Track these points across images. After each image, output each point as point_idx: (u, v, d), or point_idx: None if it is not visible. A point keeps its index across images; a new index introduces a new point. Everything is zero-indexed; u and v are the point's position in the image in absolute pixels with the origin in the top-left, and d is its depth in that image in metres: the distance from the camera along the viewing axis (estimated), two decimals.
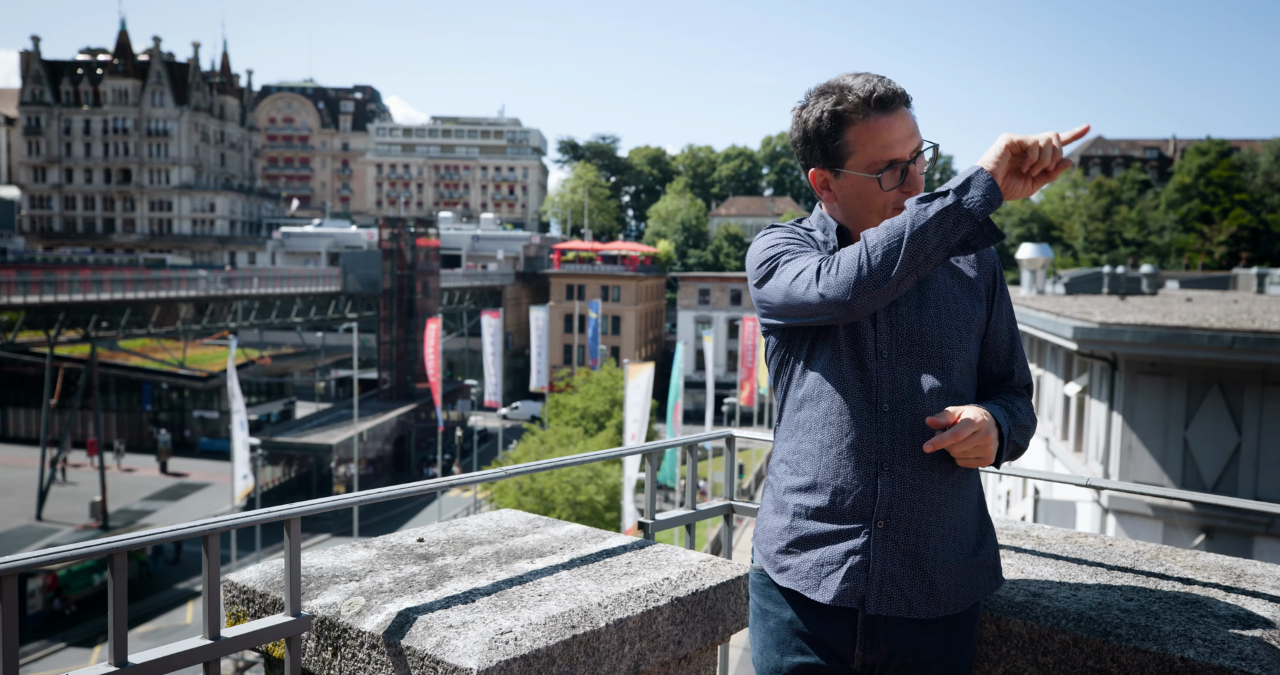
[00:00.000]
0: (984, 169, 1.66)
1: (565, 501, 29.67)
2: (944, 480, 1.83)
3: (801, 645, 1.86)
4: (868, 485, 1.81)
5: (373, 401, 50.53)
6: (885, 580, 1.79)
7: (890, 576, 1.79)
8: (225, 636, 1.80)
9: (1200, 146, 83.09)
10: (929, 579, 1.80)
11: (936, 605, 1.81)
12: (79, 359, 46.14)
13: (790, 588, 1.86)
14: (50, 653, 24.07)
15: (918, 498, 1.80)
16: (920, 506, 1.81)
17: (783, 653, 1.89)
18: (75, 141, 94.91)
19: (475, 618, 1.87)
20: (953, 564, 1.82)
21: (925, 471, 1.81)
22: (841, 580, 1.80)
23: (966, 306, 1.89)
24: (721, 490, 2.53)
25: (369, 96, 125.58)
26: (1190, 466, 11.32)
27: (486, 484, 32.61)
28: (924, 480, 1.81)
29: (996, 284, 1.95)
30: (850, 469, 1.82)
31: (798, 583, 1.85)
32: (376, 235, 62.05)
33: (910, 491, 1.80)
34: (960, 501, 1.86)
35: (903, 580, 1.79)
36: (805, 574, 1.84)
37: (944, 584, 1.81)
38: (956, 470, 1.85)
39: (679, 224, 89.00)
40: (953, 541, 1.83)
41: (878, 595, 1.79)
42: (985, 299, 1.92)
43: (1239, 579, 2.19)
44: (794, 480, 1.90)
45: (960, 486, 1.86)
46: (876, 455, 1.81)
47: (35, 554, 1.60)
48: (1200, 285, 33.79)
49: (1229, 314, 13.11)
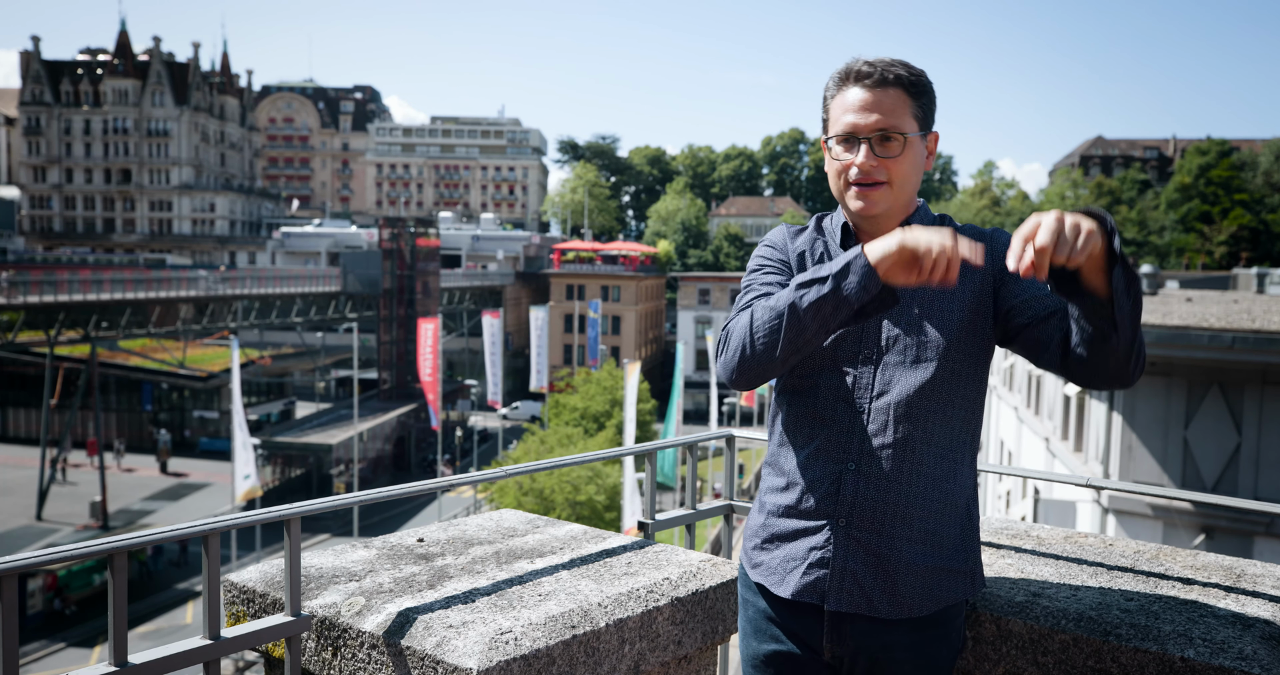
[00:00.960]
0: (864, 256, 1.64)
1: (565, 501, 29.68)
2: (915, 482, 1.81)
3: (777, 633, 1.90)
4: (833, 483, 1.83)
5: (373, 401, 50.53)
6: (846, 577, 1.81)
7: (851, 574, 1.81)
8: (225, 636, 1.80)
9: (1200, 146, 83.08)
10: (890, 579, 1.80)
11: (898, 606, 1.80)
12: (79, 359, 46.13)
13: (759, 582, 1.92)
14: (50, 653, 24.07)
15: (883, 498, 1.80)
16: (885, 506, 1.80)
17: (760, 640, 1.93)
18: (75, 141, 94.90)
19: (475, 618, 1.87)
20: (919, 565, 1.81)
21: (894, 472, 1.81)
22: (802, 575, 1.84)
23: (966, 301, 1.85)
24: (721, 490, 2.52)
25: (369, 96, 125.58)
26: (1190, 466, 11.31)
27: (486, 484, 32.62)
28: (892, 481, 1.80)
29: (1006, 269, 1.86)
30: (819, 467, 1.86)
31: (766, 578, 1.90)
32: (376, 235, 62.05)
33: (875, 491, 1.80)
34: (934, 504, 1.83)
35: (864, 578, 1.80)
36: (774, 569, 1.89)
37: (907, 585, 1.80)
38: (931, 473, 1.83)
39: (679, 224, 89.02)
40: (922, 544, 1.81)
41: (837, 592, 1.81)
42: (993, 282, 1.86)
43: (1239, 579, 2.19)
44: (772, 480, 1.95)
45: (937, 489, 1.83)
46: (845, 454, 1.83)
47: (35, 554, 1.60)
48: (1200, 285, 33.77)
49: (1229, 314, 13.10)
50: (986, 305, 1.87)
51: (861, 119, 1.83)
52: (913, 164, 1.86)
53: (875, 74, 1.84)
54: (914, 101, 1.85)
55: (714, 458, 41.31)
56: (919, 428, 1.82)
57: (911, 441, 1.82)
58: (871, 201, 1.85)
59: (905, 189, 1.87)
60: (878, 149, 1.83)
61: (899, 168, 1.84)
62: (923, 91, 1.86)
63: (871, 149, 1.83)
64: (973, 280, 1.86)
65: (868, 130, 1.83)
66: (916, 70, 1.87)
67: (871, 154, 1.83)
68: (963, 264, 1.78)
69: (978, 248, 1.58)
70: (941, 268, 1.58)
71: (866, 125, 1.83)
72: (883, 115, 1.82)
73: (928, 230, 1.60)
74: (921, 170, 1.90)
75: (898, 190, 1.86)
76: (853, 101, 1.85)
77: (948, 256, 1.57)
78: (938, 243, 1.57)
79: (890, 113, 1.83)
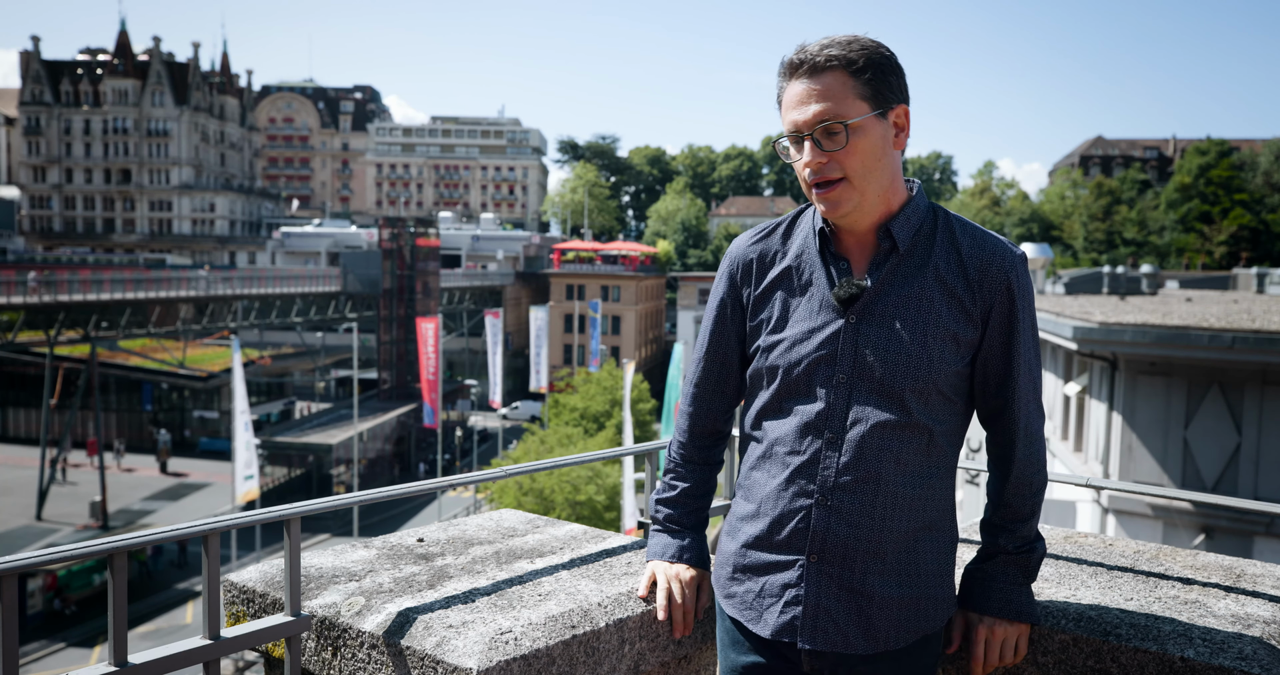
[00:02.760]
0: (650, 555, 2.06)
1: (565, 501, 29.67)
2: (888, 515, 1.71)
3: (755, 646, 1.84)
4: (803, 518, 1.74)
5: (373, 401, 50.55)
6: (820, 615, 1.73)
7: (825, 611, 1.72)
8: (225, 636, 1.80)
9: (1200, 146, 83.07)
10: (865, 615, 1.72)
11: (874, 641, 1.73)
12: (79, 359, 46.13)
13: (734, 617, 1.85)
14: (50, 653, 24.08)
15: (854, 534, 1.71)
16: (857, 542, 1.71)
17: (738, 652, 1.87)
18: (75, 141, 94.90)
19: (475, 618, 1.87)
20: (894, 598, 1.73)
21: (866, 505, 1.71)
22: (779, 614, 1.76)
23: (949, 329, 1.72)
24: (722, 490, 2.52)
25: (369, 96, 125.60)
26: (1190, 466, 11.31)
27: (486, 484, 32.61)
28: (862, 515, 1.70)
29: (1007, 306, 1.75)
30: (787, 500, 1.76)
31: (742, 613, 1.82)
32: (376, 235, 62.05)
33: (846, 526, 1.71)
34: (909, 535, 1.73)
35: (838, 615, 1.72)
36: (749, 604, 1.81)
37: (883, 619, 1.73)
38: (905, 502, 1.72)
39: (679, 224, 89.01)
40: (897, 576, 1.73)
41: (811, 631, 1.73)
42: (981, 321, 1.74)
43: (1239, 579, 2.19)
44: (743, 506, 1.86)
45: (912, 518, 1.73)
46: (814, 486, 1.73)
47: (35, 554, 1.59)
48: (1200, 285, 33.79)
49: (1229, 314, 13.10)
50: (970, 339, 1.74)
51: (800, 114, 1.69)
52: (870, 151, 1.69)
53: (808, 61, 1.69)
54: (856, 80, 1.67)
55: None
56: (893, 458, 1.71)
57: (884, 472, 1.71)
58: (831, 202, 1.71)
59: (869, 180, 1.70)
60: (824, 143, 1.68)
61: (851, 159, 1.68)
62: (868, 66, 1.67)
63: (817, 144, 1.69)
64: (961, 308, 1.73)
65: (807, 125, 1.68)
66: (860, 45, 1.68)
67: (818, 150, 1.69)
68: (955, 288, 1.74)
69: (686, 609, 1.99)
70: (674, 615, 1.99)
71: (805, 120, 1.69)
72: (820, 105, 1.67)
73: (668, 582, 1.98)
74: (888, 154, 1.71)
75: (859, 183, 1.69)
76: (791, 97, 1.71)
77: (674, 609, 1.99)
78: (664, 591, 1.98)
79: (828, 100, 1.67)
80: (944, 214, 1.81)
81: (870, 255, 1.78)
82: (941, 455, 1.77)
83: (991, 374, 1.79)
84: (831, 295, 1.75)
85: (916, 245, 1.76)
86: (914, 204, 1.78)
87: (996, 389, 1.79)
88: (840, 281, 1.76)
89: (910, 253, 1.76)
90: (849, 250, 1.80)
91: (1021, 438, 1.81)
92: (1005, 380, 1.78)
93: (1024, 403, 1.80)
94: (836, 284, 1.76)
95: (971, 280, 1.74)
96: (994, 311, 1.74)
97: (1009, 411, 1.80)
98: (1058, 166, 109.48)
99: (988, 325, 1.75)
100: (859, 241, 1.79)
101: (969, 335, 1.74)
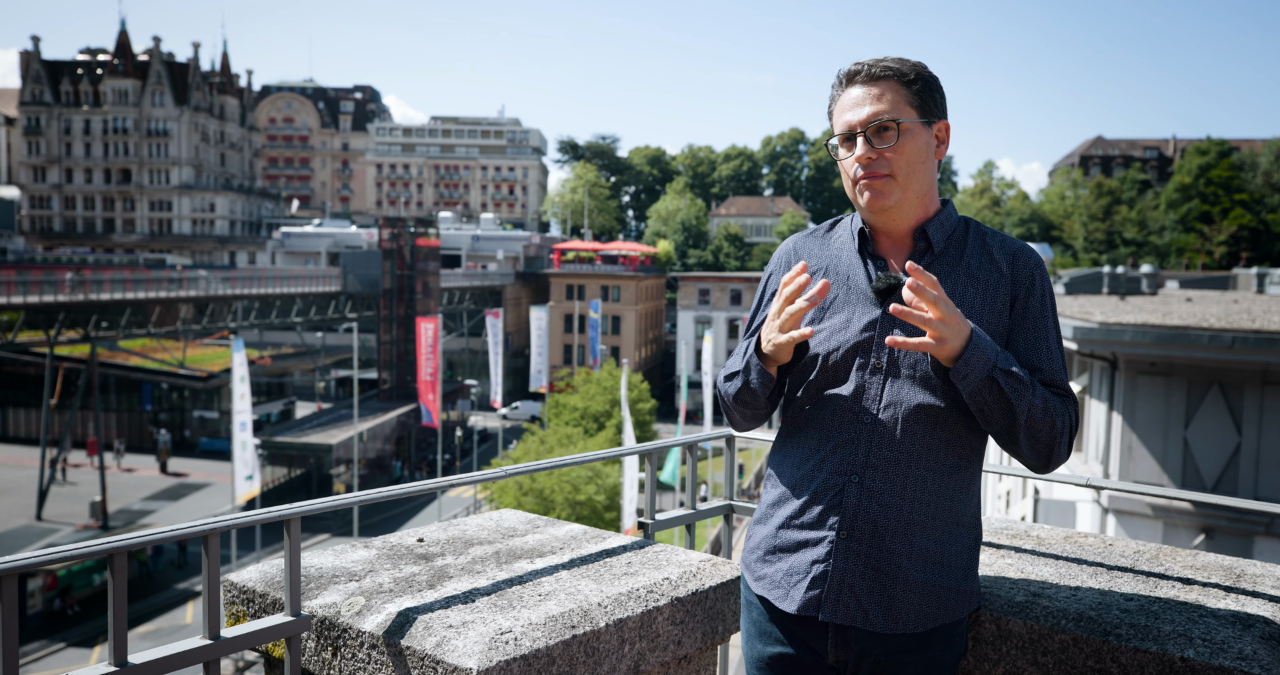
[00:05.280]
0: (755, 356, 1.91)
1: (565, 501, 29.67)
2: (918, 498, 1.80)
3: (780, 637, 1.90)
4: (836, 496, 1.82)
5: (373, 401, 50.54)
6: (843, 590, 1.80)
7: (849, 587, 1.79)
8: (225, 636, 1.80)
9: (1200, 146, 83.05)
10: (888, 593, 1.79)
11: (895, 621, 1.79)
12: (79, 359, 46.13)
13: (763, 596, 1.91)
14: (50, 653, 24.07)
15: (884, 512, 1.79)
16: (886, 521, 1.79)
17: (764, 643, 1.93)
18: (75, 141, 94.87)
19: (475, 618, 1.87)
20: (918, 582, 1.79)
21: (898, 487, 1.80)
22: (806, 590, 1.83)
23: (981, 318, 1.82)
24: (721, 490, 2.52)
25: (369, 96, 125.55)
26: (1190, 466, 11.31)
27: (486, 484, 32.62)
28: (894, 496, 1.79)
29: (1030, 292, 1.86)
30: (822, 479, 1.85)
31: (770, 592, 1.89)
32: (376, 235, 62.03)
33: (877, 505, 1.79)
34: (937, 522, 1.82)
35: (861, 592, 1.79)
36: (777, 583, 1.88)
37: (904, 601, 1.79)
38: (935, 490, 1.81)
39: (679, 224, 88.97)
40: (922, 561, 1.80)
41: (833, 604, 1.80)
42: (1008, 306, 1.86)
43: (1239, 579, 2.19)
44: (776, 491, 1.95)
45: (941, 507, 1.82)
46: (849, 467, 1.82)
47: (35, 554, 1.60)
48: (1200, 285, 33.77)
49: (1229, 314, 13.10)
50: (1001, 327, 1.85)
51: (855, 115, 1.85)
52: (916, 153, 1.84)
53: (865, 70, 1.86)
54: (907, 90, 1.84)
55: (714, 458, 41.32)
56: (925, 443, 1.81)
57: (917, 457, 1.80)
58: (876, 192, 1.84)
59: (912, 180, 1.84)
60: (875, 140, 1.83)
61: (899, 157, 1.82)
62: (918, 80, 1.85)
63: (868, 141, 1.83)
64: (993, 300, 1.85)
65: (861, 123, 1.83)
66: (911, 63, 1.87)
67: (869, 146, 1.83)
68: (981, 276, 1.86)
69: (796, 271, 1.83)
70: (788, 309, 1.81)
71: (859, 119, 1.84)
72: (875, 107, 1.83)
73: (774, 335, 1.83)
74: (930, 161, 1.87)
75: (903, 181, 1.83)
76: (847, 100, 1.87)
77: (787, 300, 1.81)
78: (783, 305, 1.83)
79: (881, 103, 1.83)
80: (974, 223, 1.96)
81: (906, 256, 1.91)
82: (971, 450, 1.87)
83: (1020, 358, 1.86)
84: (870, 288, 1.88)
85: (949, 247, 1.91)
86: (946, 212, 1.94)
87: (1029, 359, 1.87)
88: (878, 275, 1.88)
89: (944, 253, 1.90)
90: (886, 252, 1.93)
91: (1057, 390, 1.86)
92: (1034, 364, 1.86)
93: (1057, 368, 1.87)
94: (874, 278, 1.88)
95: (1002, 272, 1.87)
96: (1019, 300, 1.87)
97: (1046, 373, 1.87)
98: (1058, 166, 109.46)
99: (1014, 309, 1.86)
100: (896, 244, 1.93)
101: (999, 325, 1.85)
